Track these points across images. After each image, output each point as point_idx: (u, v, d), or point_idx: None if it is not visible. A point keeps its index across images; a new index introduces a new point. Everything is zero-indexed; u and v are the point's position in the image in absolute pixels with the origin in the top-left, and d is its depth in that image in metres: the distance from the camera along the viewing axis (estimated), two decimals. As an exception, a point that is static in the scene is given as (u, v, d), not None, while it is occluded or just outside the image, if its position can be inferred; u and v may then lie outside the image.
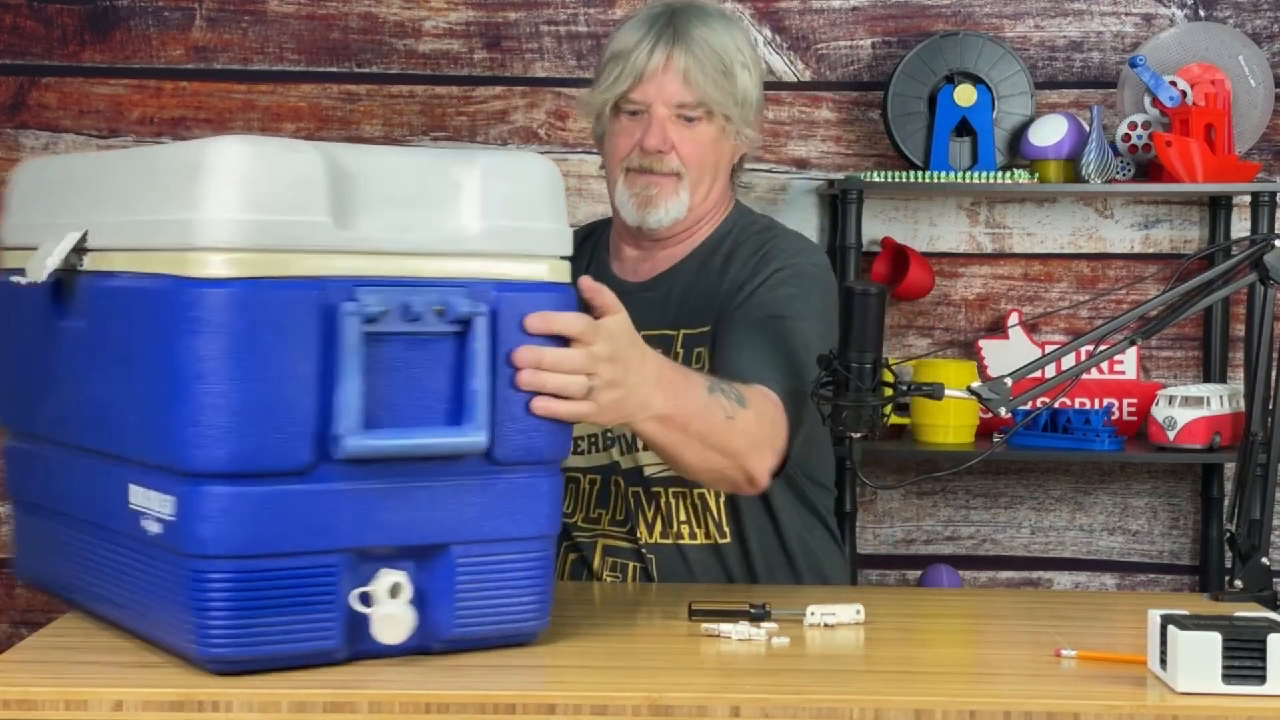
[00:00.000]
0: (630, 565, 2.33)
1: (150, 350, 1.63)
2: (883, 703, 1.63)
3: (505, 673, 1.72)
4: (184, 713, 1.60)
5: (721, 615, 1.93)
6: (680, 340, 2.33)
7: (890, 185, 3.34)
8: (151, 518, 1.66)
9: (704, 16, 2.33)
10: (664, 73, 2.28)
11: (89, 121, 3.54)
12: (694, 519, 2.31)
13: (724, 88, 2.29)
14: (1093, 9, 3.53)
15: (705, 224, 2.40)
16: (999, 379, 2.08)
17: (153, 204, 1.67)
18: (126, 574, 1.74)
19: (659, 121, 2.29)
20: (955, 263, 3.56)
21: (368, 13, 3.53)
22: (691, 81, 2.28)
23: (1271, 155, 3.52)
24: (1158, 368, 3.56)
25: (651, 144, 2.29)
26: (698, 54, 2.28)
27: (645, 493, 2.32)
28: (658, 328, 2.31)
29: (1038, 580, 3.58)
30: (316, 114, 3.54)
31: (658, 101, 2.29)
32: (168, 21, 3.53)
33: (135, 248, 1.69)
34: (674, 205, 2.32)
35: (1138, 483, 3.57)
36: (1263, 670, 1.64)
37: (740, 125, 2.33)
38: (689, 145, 2.30)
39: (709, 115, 2.30)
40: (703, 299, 2.33)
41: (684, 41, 2.28)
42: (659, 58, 2.28)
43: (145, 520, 1.67)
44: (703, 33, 2.30)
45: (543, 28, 3.53)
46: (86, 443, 1.78)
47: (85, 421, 1.78)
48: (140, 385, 1.65)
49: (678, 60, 2.28)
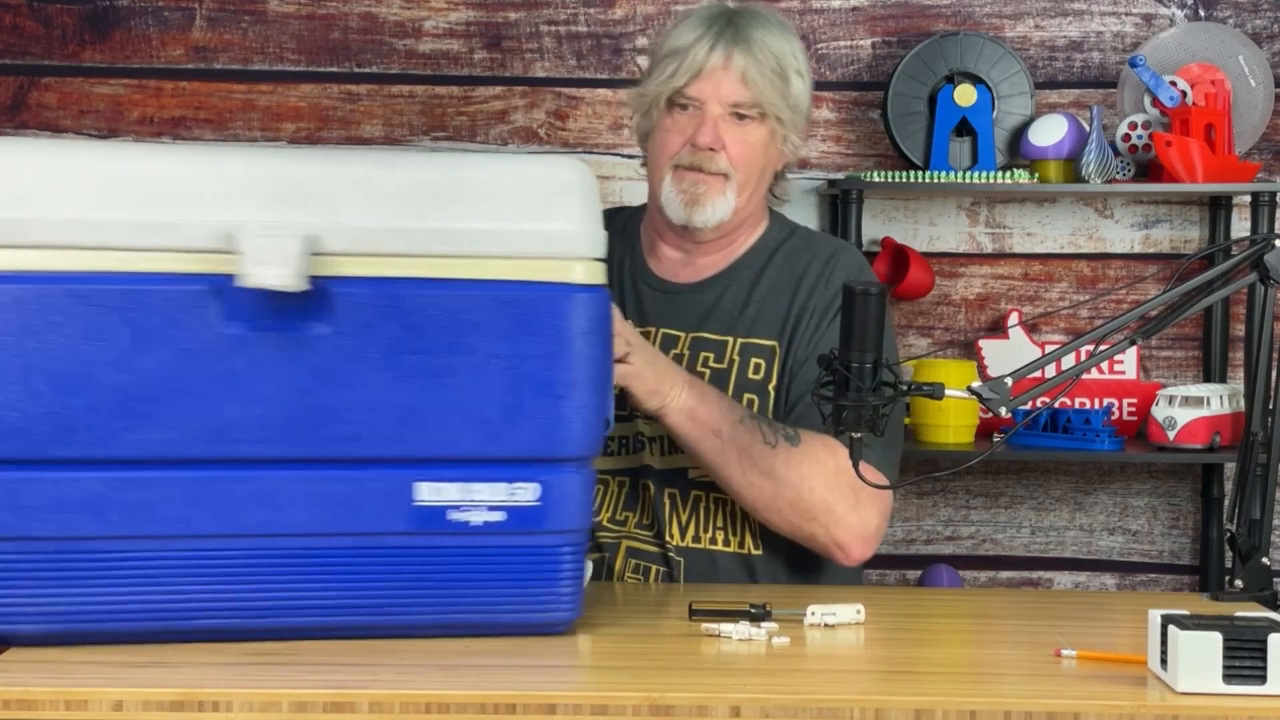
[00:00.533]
0: (654, 569, 2.33)
1: (515, 352, 1.79)
2: (883, 703, 1.63)
3: (505, 673, 1.72)
4: (184, 713, 1.60)
5: (722, 615, 1.93)
6: (736, 348, 2.31)
7: (890, 185, 3.34)
8: (475, 508, 1.80)
9: (763, 21, 2.33)
10: (722, 71, 2.28)
11: (89, 121, 3.54)
12: (730, 526, 2.31)
13: (780, 90, 2.30)
14: (1093, 9, 3.53)
15: (744, 231, 2.39)
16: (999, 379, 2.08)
17: (459, 213, 1.79)
18: (377, 573, 1.81)
19: (712, 120, 2.29)
20: (955, 263, 3.56)
21: (368, 13, 3.53)
22: (749, 82, 2.28)
23: (1271, 155, 3.52)
24: (1158, 368, 3.56)
25: (704, 141, 2.28)
26: (757, 55, 2.28)
27: (682, 495, 2.32)
28: (709, 332, 2.32)
29: (1038, 580, 3.58)
30: (316, 114, 3.54)
31: (713, 99, 2.29)
32: (168, 21, 3.53)
33: (435, 254, 1.78)
34: (720, 205, 2.31)
35: (1138, 483, 3.57)
36: (1263, 670, 1.63)
37: (790, 131, 2.33)
38: (739, 146, 2.30)
39: (762, 117, 2.30)
40: (762, 311, 2.32)
41: (744, 42, 2.29)
42: (719, 56, 2.28)
43: (457, 512, 1.79)
44: (762, 35, 2.30)
45: (543, 28, 3.53)
46: (312, 452, 1.78)
47: (308, 429, 1.77)
48: (479, 385, 1.78)
49: (737, 60, 2.28)
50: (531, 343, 1.79)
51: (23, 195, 1.71)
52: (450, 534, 1.80)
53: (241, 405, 1.75)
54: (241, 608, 1.79)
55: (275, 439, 1.76)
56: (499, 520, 1.80)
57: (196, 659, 1.73)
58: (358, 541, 1.80)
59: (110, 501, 1.75)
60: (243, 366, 1.75)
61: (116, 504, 1.75)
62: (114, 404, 1.73)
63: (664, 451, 2.32)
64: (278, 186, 1.77)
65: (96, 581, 1.76)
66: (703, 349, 2.31)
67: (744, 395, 2.28)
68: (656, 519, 2.32)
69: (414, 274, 1.78)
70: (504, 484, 1.80)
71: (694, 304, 2.34)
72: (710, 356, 2.30)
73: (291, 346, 1.75)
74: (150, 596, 1.78)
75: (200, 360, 1.74)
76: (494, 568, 1.82)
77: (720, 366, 2.30)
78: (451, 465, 1.79)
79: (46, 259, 1.72)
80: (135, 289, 1.73)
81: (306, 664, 1.73)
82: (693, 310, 2.33)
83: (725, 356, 2.30)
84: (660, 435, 2.30)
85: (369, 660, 1.74)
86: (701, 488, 2.29)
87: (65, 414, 1.72)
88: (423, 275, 1.78)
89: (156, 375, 1.74)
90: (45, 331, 1.71)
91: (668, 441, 2.29)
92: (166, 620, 1.78)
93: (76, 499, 1.74)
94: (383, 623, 1.83)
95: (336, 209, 1.77)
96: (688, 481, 2.31)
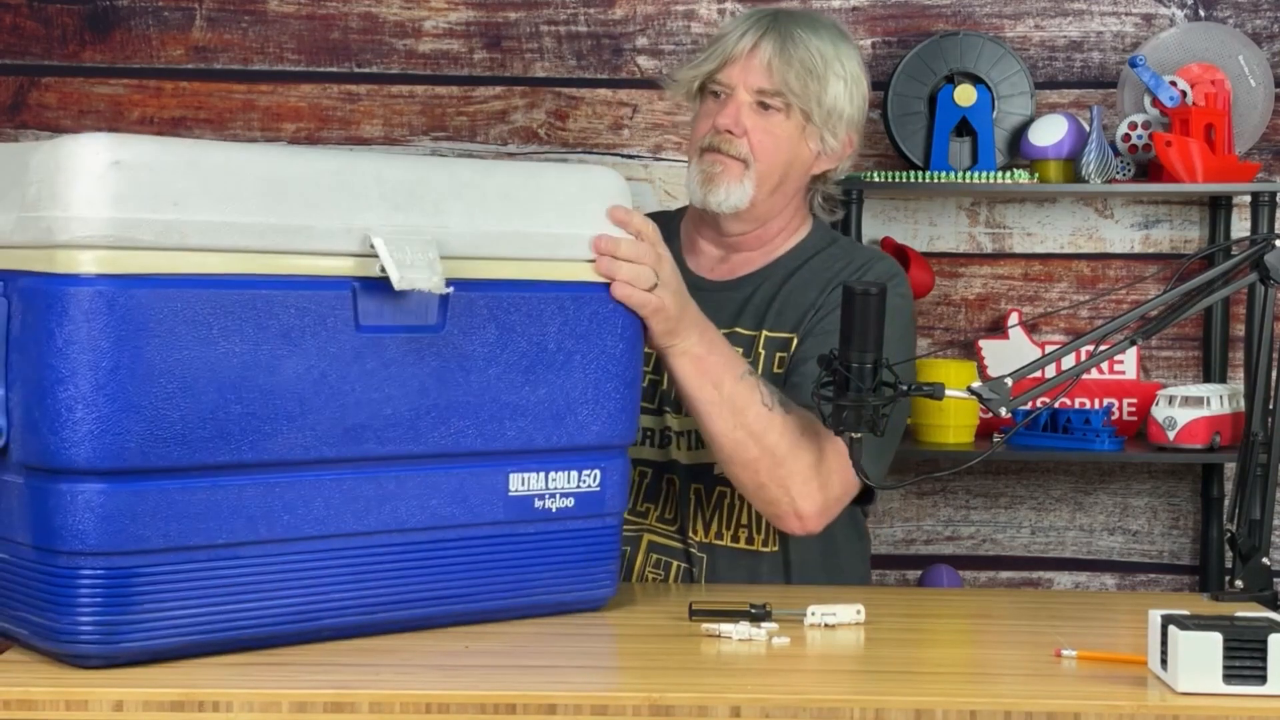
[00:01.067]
0: (675, 564, 2.33)
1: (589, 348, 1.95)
2: (883, 703, 1.63)
3: (505, 673, 1.72)
4: (184, 713, 1.60)
5: (722, 615, 1.93)
6: (762, 341, 2.32)
7: (890, 185, 3.34)
8: (553, 496, 1.93)
9: (811, 21, 2.35)
10: (749, 56, 2.30)
11: (89, 121, 3.54)
12: (755, 524, 2.31)
13: (808, 85, 2.29)
14: (1093, 9, 3.53)
15: (783, 235, 2.39)
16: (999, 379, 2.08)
17: (542, 219, 1.93)
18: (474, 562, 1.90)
19: (736, 104, 2.30)
20: (955, 263, 3.56)
21: (368, 13, 3.53)
22: (773, 69, 2.28)
23: (1271, 155, 3.52)
24: (1158, 368, 3.56)
25: (723, 122, 2.29)
26: (789, 47, 2.29)
27: (707, 491, 2.32)
28: (739, 326, 2.33)
29: (1038, 580, 3.58)
30: (316, 114, 3.54)
31: (740, 85, 2.30)
32: (168, 21, 3.53)
33: (525, 257, 1.91)
34: (736, 191, 2.31)
35: (1138, 483, 3.57)
36: (1263, 670, 1.63)
37: (826, 132, 2.32)
38: (761, 134, 2.30)
39: (788, 109, 2.30)
40: (787, 305, 2.33)
41: (778, 33, 2.30)
42: (747, 42, 2.30)
43: (540, 500, 1.93)
44: (804, 34, 2.31)
45: (543, 28, 3.53)
46: (428, 448, 1.84)
47: (427, 426, 1.84)
48: (560, 380, 1.92)
49: (764, 47, 2.29)
50: (600, 339, 1.95)
51: (179, 197, 1.68)
52: (534, 521, 1.93)
53: (373, 406, 1.80)
54: (360, 605, 1.82)
55: (400, 437, 1.82)
56: (569, 505, 1.95)
57: (196, 659, 1.73)
58: (461, 533, 1.88)
59: (259, 506, 1.74)
60: (375, 367, 1.80)
61: (264, 508, 1.75)
62: (266, 408, 1.73)
63: (690, 446, 2.32)
64: (396, 191, 1.83)
65: (241, 590, 1.74)
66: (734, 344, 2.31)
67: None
68: (680, 514, 2.33)
69: (508, 276, 1.89)
70: (575, 471, 1.96)
71: (728, 301, 2.34)
72: (740, 351, 2.30)
73: (415, 348, 1.83)
74: (286, 601, 1.77)
75: (339, 362, 1.78)
76: (563, 550, 1.96)
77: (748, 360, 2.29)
78: (536, 456, 1.93)
79: (202, 261, 1.70)
80: (285, 292, 1.74)
81: (306, 664, 1.73)
82: (727, 308, 2.33)
83: (752, 350, 2.31)
84: (688, 430, 2.31)
85: (369, 660, 1.74)
86: (727, 485, 2.29)
87: (223, 419, 1.70)
88: (515, 277, 1.90)
89: (303, 378, 1.75)
90: (207, 336, 1.69)
91: (695, 436, 2.30)
92: (299, 623, 1.78)
93: (227, 505, 1.72)
94: (470, 610, 1.90)
95: (444, 213, 1.85)
96: (714, 478, 2.31)
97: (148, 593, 1.68)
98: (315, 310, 1.76)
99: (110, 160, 1.64)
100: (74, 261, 1.64)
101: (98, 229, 1.64)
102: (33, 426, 1.65)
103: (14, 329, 1.67)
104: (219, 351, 1.70)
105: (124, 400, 1.64)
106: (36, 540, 1.67)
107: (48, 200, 1.64)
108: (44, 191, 1.65)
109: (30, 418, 1.65)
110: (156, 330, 1.66)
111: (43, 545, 1.67)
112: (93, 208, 1.63)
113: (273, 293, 1.74)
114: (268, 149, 1.82)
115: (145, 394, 1.65)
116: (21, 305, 1.67)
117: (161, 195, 1.67)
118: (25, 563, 1.69)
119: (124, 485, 1.66)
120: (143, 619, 1.68)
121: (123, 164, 1.65)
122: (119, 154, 1.65)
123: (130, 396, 1.65)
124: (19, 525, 1.69)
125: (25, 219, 1.67)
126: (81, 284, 1.64)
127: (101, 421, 1.64)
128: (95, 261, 1.64)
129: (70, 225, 1.64)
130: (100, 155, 1.64)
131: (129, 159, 1.65)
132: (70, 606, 1.66)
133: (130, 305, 1.64)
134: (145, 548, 1.67)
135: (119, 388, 1.64)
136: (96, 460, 1.64)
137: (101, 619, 1.66)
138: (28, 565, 1.69)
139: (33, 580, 1.69)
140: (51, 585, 1.67)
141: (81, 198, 1.63)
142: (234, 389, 1.71)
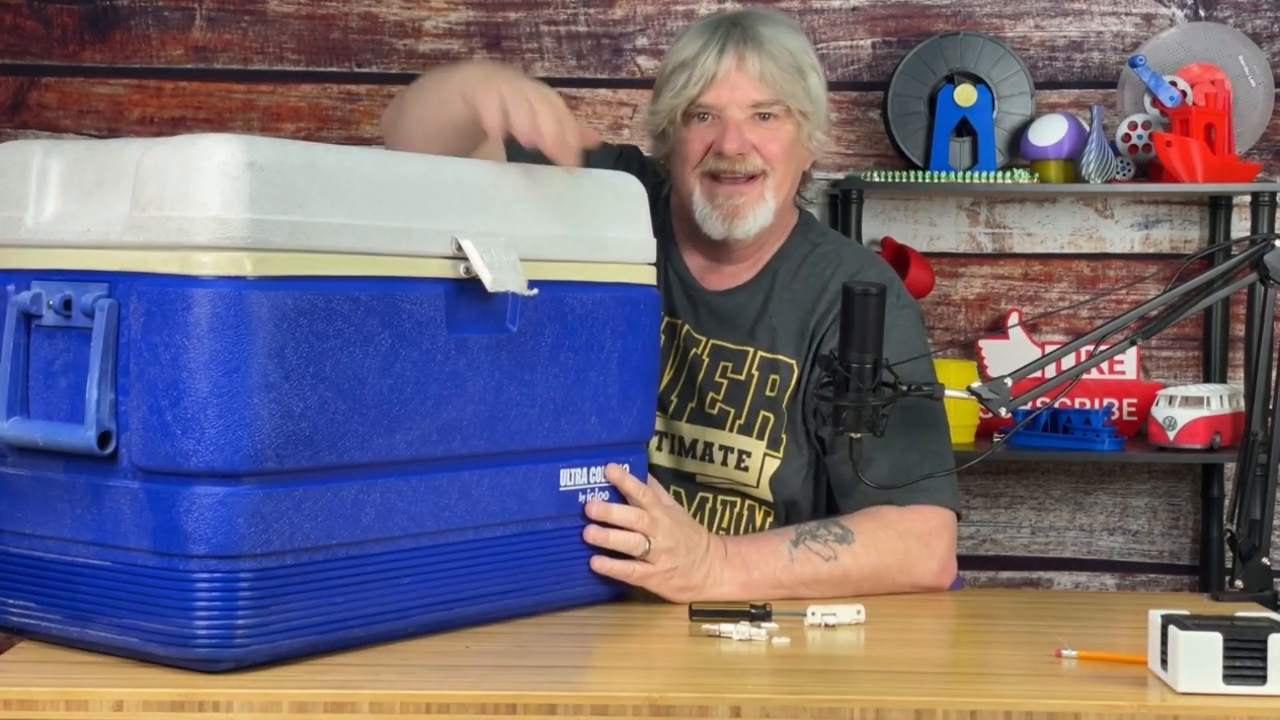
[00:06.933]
0: None
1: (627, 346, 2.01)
2: (883, 703, 1.63)
3: (505, 673, 1.72)
4: (184, 713, 1.60)
5: (722, 615, 1.93)
6: (755, 361, 2.28)
7: (890, 185, 3.34)
8: (595, 490, 1.99)
9: (769, 20, 2.30)
10: (737, 74, 2.23)
11: (89, 121, 3.54)
12: (734, 528, 2.29)
13: (799, 86, 2.25)
14: (1093, 9, 3.53)
15: (773, 238, 2.33)
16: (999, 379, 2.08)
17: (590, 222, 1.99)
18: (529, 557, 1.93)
19: (734, 125, 2.23)
20: (955, 263, 3.56)
21: (368, 13, 3.53)
22: (767, 79, 2.23)
23: (1271, 155, 3.52)
24: (1158, 368, 3.57)
25: (730, 148, 2.23)
26: (772, 52, 2.24)
27: (688, 495, 2.30)
28: (731, 340, 2.29)
29: (1038, 580, 3.58)
30: (316, 114, 3.54)
31: (731, 104, 2.23)
32: (168, 21, 3.53)
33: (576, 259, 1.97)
34: (761, 211, 2.26)
35: (1138, 483, 3.58)
36: (1263, 670, 1.63)
37: (814, 127, 2.29)
38: (771, 142, 2.25)
39: (786, 113, 2.25)
40: (781, 324, 2.29)
41: (754, 42, 2.24)
42: (729, 60, 2.23)
43: (584, 494, 1.98)
44: (770, 33, 2.26)
45: (543, 28, 3.53)
46: (499, 446, 1.87)
47: (500, 424, 1.87)
48: (605, 377, 1.98)
49: (751, 61, 2.23)
50: (636, 337, 2.01)
51: (303, 199, 1.67)
52: (580, 515, 1.98)
53: (459, 405, 1.82)
54: (441, 602, 1.84)
55: (477, 436, 1.85)
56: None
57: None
58: (520, 529, 1.91)
59: (373, 507, 1.75)
60: (463, 367, 1.82)
61: (367, 508, 1.75)
62: (378, 409, 1.73)
63: (673, 450, 2.31)
64: (472, 194, 1.85)
65: (355, 590, 1.74)
66: (722, 358, 2.29)
67: (760, 411, 2.26)
68: None
69: (565, 277, 1.94)
70: (612, 465, 2.01)
71: (717, 307, 2.31)
72: (729, 366, 2.28)
73: (493, 348, 1.86)
74: (387, 600, 1.78)
75: (434, 362, 1.79)
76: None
77: (739, 378, 2.27)
78: (582, 452, 1.98)
79: (324, 263, 1.69)
80: (393, 294, 1.75)
81: (306, 664, 1.73)
82: (713, 316, 2.31)
83: (744, 369, 2.28)
84: (670, 434, 2.30)
85: (369, 660, 1.74)
86: (709, 489, 2.29)
87: (341, 420, 1.70)
88: (570, 279, 1.94)
89: (406, 378, 1.76)
90: (333, 337, 1.69)
91: (677, 440, 2.29)
92: (395, 621, 1.79)
93: (337, 505, 1.72)
94: (520, 604, 1.93)
95: (512, 216, 1.89)
96: (696, 484, 2.30)
97: (275, 594, 1.67)
98: (419, 312, 1.77)
99: (246, 161, 1.63)
100: (212, 263, 1.62)
101: (237, 230, 1.62)
102: (162, 430, 1.63)
103: (131, 331, 1.65)
104: (342, 353, 1.70)
105: (259, 402, 1.63)
106: (158, 545, 1.65)
107: (177, 200, 1.62)
108: (171, 191, 1.63)
109: (158, 421, 1.63)
110: (291, 332, 1.65)
111: (165, 550, 1.64)
112: (231, 209, 1.62)
113: (387, 294, 1.74)
114: (368, 152, 1.81)
115: (277, 397, 1.65)
116: (144, 307, 1.64)
117: (290, 197, 1.66)
118: (139, 569, 1.67)
119: (254, 489, 1.65)
120: (269, 621, 1.66)
121: (256, 165, 1.63)
122: (252, 155, 1.64)
123: (264, 399, 1.64)
124: (132, 530, 1.66)
125: (144, 219, 1.64)
126: (221, 285, 1.62)
127: (239, 425, 1.62)
128: (234, 263, 1.62)
129: (209, 226, 1.62)
130: (236, 156, 1.62)
131: (260, 160, 1.64)
132: (199, 610, 1.64)
133: (268, 307, 1.63)
134: (272, 549, 1.66)
135: (255, 390, 1.63)
136: (234, 463, 1.63)
137: (230, 622, 1.64)
138: (144, 571, 1.66)
139: (151, 586, 1.66)
140: (178, 590, 1.64)
141: (220, 199, 1.62)
142: (353, 390, 1.71)
